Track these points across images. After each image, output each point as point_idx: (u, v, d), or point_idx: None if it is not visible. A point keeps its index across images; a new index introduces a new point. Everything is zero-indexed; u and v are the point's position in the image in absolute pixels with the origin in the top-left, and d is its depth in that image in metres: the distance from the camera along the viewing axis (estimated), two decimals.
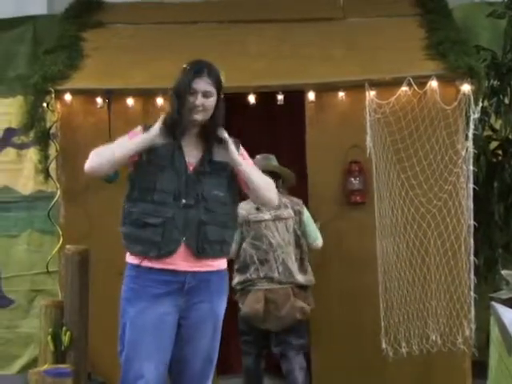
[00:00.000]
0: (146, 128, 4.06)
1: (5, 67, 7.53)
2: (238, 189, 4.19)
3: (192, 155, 4.06)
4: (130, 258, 4.07)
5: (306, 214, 5.88)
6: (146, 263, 3.99)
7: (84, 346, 5.24)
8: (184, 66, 4.13)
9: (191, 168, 4.03)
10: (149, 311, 3.96)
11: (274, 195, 4.27)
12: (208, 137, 4.08)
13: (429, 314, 6.00)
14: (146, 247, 3.97)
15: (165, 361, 4.04)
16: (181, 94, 4.02)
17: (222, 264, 4.14)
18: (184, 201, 3.98)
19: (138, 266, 4.00)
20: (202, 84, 4.05)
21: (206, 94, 4.04)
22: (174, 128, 4.02)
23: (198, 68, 4.08)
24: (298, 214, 5.81)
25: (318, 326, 6.19)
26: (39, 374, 5.10)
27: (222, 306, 4.14)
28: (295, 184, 6.15)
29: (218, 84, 4.11)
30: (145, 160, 4.01)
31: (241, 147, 4.25)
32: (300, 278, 5.77)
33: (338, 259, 6.16)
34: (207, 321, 4.08)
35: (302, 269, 5.83)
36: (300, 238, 5.82)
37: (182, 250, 3.98)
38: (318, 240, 5.88)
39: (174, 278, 3.99)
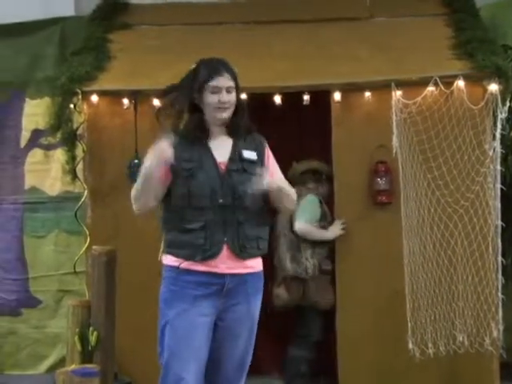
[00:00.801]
0: (170, 135, 4.07)
1: (32, 69, 7.57)
2: None
3: (221, 154, 4.07)
4: (169, 260, 4.07)
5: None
6: (186, 265, 4.00)
7: (111, 346, 5.28)
8: (193, 66, 4.17)
9: (223, 167, 4.05)
10: (188, 313, 3.98)
11: (293, 207, 4.34)
12: (236, 133, 4.09)
13: (456, 315, 5.98)
14: (191, 251, 3.98)
15: (203, 362, 4.05)
16: (202, 95, 4.04)
17: (259, 265, 4.16)
18: (221, 200, 3.99)
19: (177, 268, 4.02)
20: (224, 80, 4.07)
21: (229, 90, 4.06)
22: (200, 131, 4.04)
23: (216, 65, 4.11)
24: None
25: (345, 326, 6.19)
26: (67, 374, 5.15)
27: (258, 307, 4.16)
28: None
29: (236, 78, 4.13)
30: (175, 168, 4.00)
31: (266, 146, 4.26)
32: (290, 267, 5.93)
33: (364, 260, 6.15)
34: (243, 323, 4.09)
35: (295, 260, 5.89)
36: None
37: (224, 251, 4.00)
38: (296, 221, 5.89)
39: (214, 280, 4.00)
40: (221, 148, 4.09)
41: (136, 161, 6.10)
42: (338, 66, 6.36)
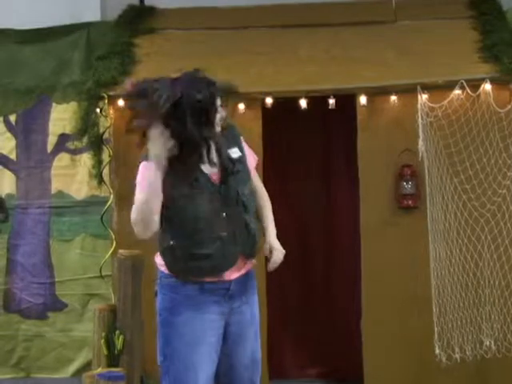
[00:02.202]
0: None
1: (59, 74, 7.62)
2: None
3: (209, 166, 3.94)
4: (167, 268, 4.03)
5: None
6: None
7: (137, 350, 5.30)
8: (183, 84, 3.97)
9: (216, 178, 3.96)
10: (196, 320, 3.93)
11: None
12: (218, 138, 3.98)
13: (482, 320, 5.96)
14: (210, 271, 3.93)
15: (213, 369, 4.01)
16: (209, 114, 3.85)
17: (252, 262, 4.15)
18: (225, 214, 3.93)
19: (178, 277, 3.98)
20: (219, 99, 3.94)
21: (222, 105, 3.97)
22: (197, 151, 3.86)
23: (216, 90, 3.92)
24: None
25: (371, 330, 6.18)
26: (93, 378, 5.17)
27: (256, 304, 4.15)
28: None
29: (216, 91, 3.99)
30: (169, 194, 3.87)
31: (240, 135, 4.15)
32: None
33: (390, 264, 6.13)
34: (249, 324, 4.07)
35: None
36: None
37: (239, 260, 3.99)
38: None
39: (219, 286, 3.97)
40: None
41: None
42: (364, 70, 6.36)
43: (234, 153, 4.03)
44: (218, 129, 3.94)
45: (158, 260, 4.08)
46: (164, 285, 4.04)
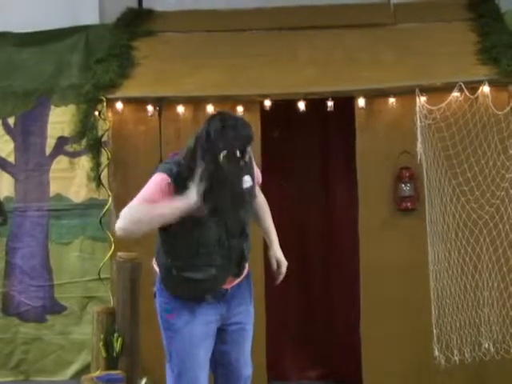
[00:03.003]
0: (172, 176, 3.90)
1: (57, 76, 7.64)
2: None
3: None
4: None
5: None
6: None
7: (136, 352, 5.33)
8: (220, 139, 3.82)
9: None
10: (195, 322, 4.03)
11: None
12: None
13: (481, 322, 5.98)
14: (201, 294, 4.02)
15: (208, 368, 4.16)
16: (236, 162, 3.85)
17: (247, 267, 4.21)
18: (227, 243, 3.97)
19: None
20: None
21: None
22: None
23: (250, 136, 3.89)
24: None
25: (370, 332, 6.21)
26: (92, 380, 5.20)
27: (252, 306, 4.25)
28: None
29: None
30: (182, 217, 3.86)
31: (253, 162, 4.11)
32: None
33: (389, 266, 6.16)
34: (247, 323, 4.18)
35: None
36: None
37: (228, 279, 4.08)
38: None
39: (215, 294, 4.07)
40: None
41: None
42: (362, 72, 6.39)
43: (247, 182, 3.94)
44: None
45: (157, 267, 4.13)
46: (163, 288, 4.09)
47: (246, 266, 4.16)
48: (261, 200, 4.32)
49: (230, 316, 4.11)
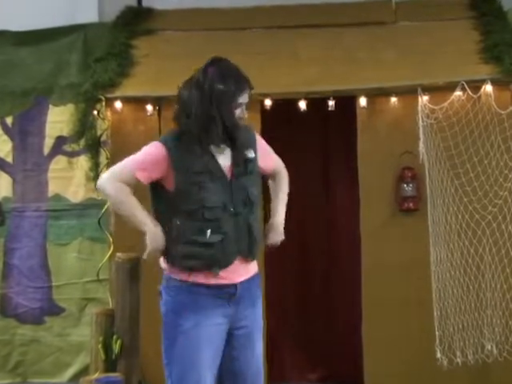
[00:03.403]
0: (165, 142, 4.00)
1: (56, 75, 7.63)
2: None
3: (223, 160, 4.01)
4: (176, 271, 4.03)
5: None
6: (198, 279, 3.97)
7: (135, 355, 5.30)
8: (217, 73, 3.98)
9: (230, 173, 4.00)
10: (203, 324, 3.95)
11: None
12: (240, 137, 4.04)
13: (484, 323, 5.98)
14: (207, 265, 3.95)
15: (215, 372, 4.05)
16: (231, 110, 3.95)
17: (256, 267, 4.16)
18: (232, 209, 3.96)
19: (185, 281, 3.99)
20: (247, 97, 4.01)
21: (246, 106, 4.03)
22: (212, 139, 3.96)
23: (244, 83, 4.00)
24: None
25: (371, 334, 6.20)
26: (90, 383, 5.18)
27: (261, 310, 4.18)
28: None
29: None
30: (182, 181, 3.93)
31: (256, 135, 4.20)
32: None
33: (391, 267, 6.15)
34: (255, 328, 4.10)
35: None
36: None
37: (237, 260, 4.00)
38: None
39: (225, 290, 3.99)
40: (222, 152, 4.02)
41: None
42: (364, 71, 6.38)
43: (249, 153, 4.06)
44: (237, 125, 3.99)
45: (164, 263, 4.10)
46: (171, 287, 4.06)
47: (256, 252, 4.08)
48: (282, 171, 4.35)
49: (237, 319, 4.05)
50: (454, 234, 5.99)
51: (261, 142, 4.22)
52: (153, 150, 4.01)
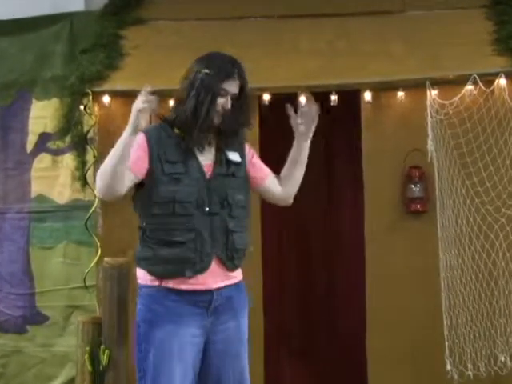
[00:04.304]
0: (147, 131, 4.07)
1: (39, 68, 7.63)
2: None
3: (205, 157, 4.04)
4: (147, 278, 4.01)
5: None
6: (170, 284, 3.96)
7: (123, 366, 5.32)
8: (204, 59, 4.11)
9: (209, 171, 4.02)
10: (177, 334, 3.93)
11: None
12: (226, 136, 4.07)
13: (497, 333, 5.99)
14: (178, 267, 3.93)
15: None
16: (213, 95, 3.99)
17: (240, 274, 4.14)
18: (208, 209, 3.96)
19: (158, 286, 3.98)
20: (234, 86, 4.05)
21: (233, 97, 4.05)
22: (191, 130, 4.00)
23: (231, 69, 4.05)
24: None
25: (375, 346, 6.20)
26: None
27: (246, 322, 4.13)
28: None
29: (244, 83, 4.10)
30: (156, 171, 3.96)
31: (246, 144, 4.24)
32: None
33: (397, 273, 6.16)
34: (235, 341, 4.05)
35: None
36: None
37: (213, 264, 3.98)
38: None
39: (201, 297, 3.98)
40: (204, 150, 4.05)
41: None
42: (369, 64, 6.40)
43: (234, 156, 4.09)
44: (217, 116, 4.02)
45: (137, 271, 4.11)
46: (144, 295, 4.04)
47: (237, 260, 4.06)
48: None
49: (215, 331, 4.02)
50: (465, 237, 6.00)
51: (250, 151, 4.26)
52: (138, 141, 4.03)
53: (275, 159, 6.69)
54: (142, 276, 4.05)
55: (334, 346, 7.01)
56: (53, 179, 7.57)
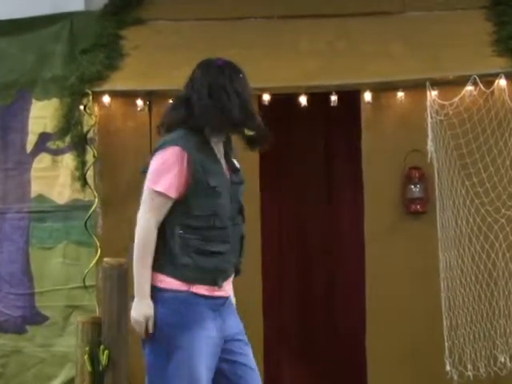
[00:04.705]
0: (183, 145, 3.92)
1: (39, 68, 7.63)
2: None
3: (223, 164, 4.07)
4: (174, 284, 4.00)
5: None
6: (197, 289, 3.98)
7: (123, 366, 5.32)
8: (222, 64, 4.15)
9: (230, 181, 4.05)
10: (204, 337, 3.97)
11: None
12: (228, 142, 4.11)
13: (497, 334, 6.00)
14: (214, 276, 3.98)
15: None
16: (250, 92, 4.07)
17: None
18: (236, 220, 4.03)
19: (186, 291, 3.99)
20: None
21: None
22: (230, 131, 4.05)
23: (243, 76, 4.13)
24: None
25: (376, 345, 6.21)
26: None
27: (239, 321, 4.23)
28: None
29: None
30: (199, 184, 3.92)
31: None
32: None
33: (397, 274, 6.17)
34: (241, 332, 4.14)
35: None
36: None
37: (232, 272, 4.09)
38: None
39: (219, 302, 4.04)
40: (222, 159, 4.07)
41: None
42: (369, 64, 6.40)
43: (236, 163, 4.13)
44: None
45: (159, 275, 4.10)
46: (169, 299, 4.03)
47: (241, 266, 4.13)
48: None
49: (226, 328, 4.08)
50: (465, 238, 6.01)
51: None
52: (176, 158, 3.93)
53: (275, 159, 6.76)
54: (168, 280, 4.03)
55: (334, 347, 7.01)
56: (52, 179, 7.57)
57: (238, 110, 3.98)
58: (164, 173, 3.92)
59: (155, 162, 3.96)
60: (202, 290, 3.99)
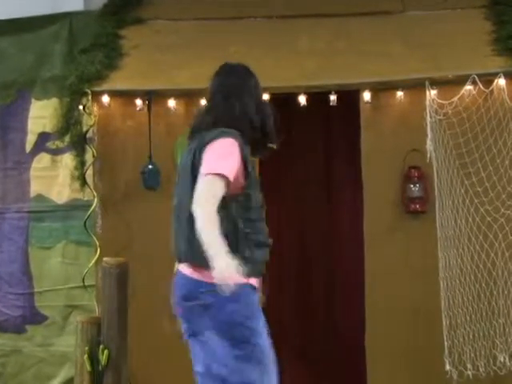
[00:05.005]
0: (237, 138, 4.04)
1: (39, 67, 7.63)
2: None
3: None
4: (239, 278, 3.96)
5: None
6: (252, 281, 4.14)
7: (123, 366, 5.33)
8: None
9: None
10: (264, 325, 4.19)
11: None
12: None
13: (496, 333, 6.00)
14: (262, 267, 4.22)
15: None
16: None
17: None
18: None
19: (245, 284, 4.07)
20: None
21: None
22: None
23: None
24: None
25: (375, 345, 6.21)
26: None
27: None
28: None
29: None
30: (252, 176, 4.10)
31: None
32: None
33: (396, 274, 6.18)
34: None
35: None
36: None
37: None
38: None
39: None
40: None
41: (150, 166, 6.20)
42: (368, 64, 6.40)
43: None
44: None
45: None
46: (240, 294, 4.03)
47: None
48: None
49: None
50: (464, 237, 6.01)
51: None
52: (235, 148, 4.03)
53: (275, 159, 6.76)
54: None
55: (334, 346, 7.02)
56: (52, 179, 7.57)
57: (255, 112, 4.17)
58: (225, 156, 3.97)
59: (214, 147, 4.00)
60: (253, 281, 4.17)
